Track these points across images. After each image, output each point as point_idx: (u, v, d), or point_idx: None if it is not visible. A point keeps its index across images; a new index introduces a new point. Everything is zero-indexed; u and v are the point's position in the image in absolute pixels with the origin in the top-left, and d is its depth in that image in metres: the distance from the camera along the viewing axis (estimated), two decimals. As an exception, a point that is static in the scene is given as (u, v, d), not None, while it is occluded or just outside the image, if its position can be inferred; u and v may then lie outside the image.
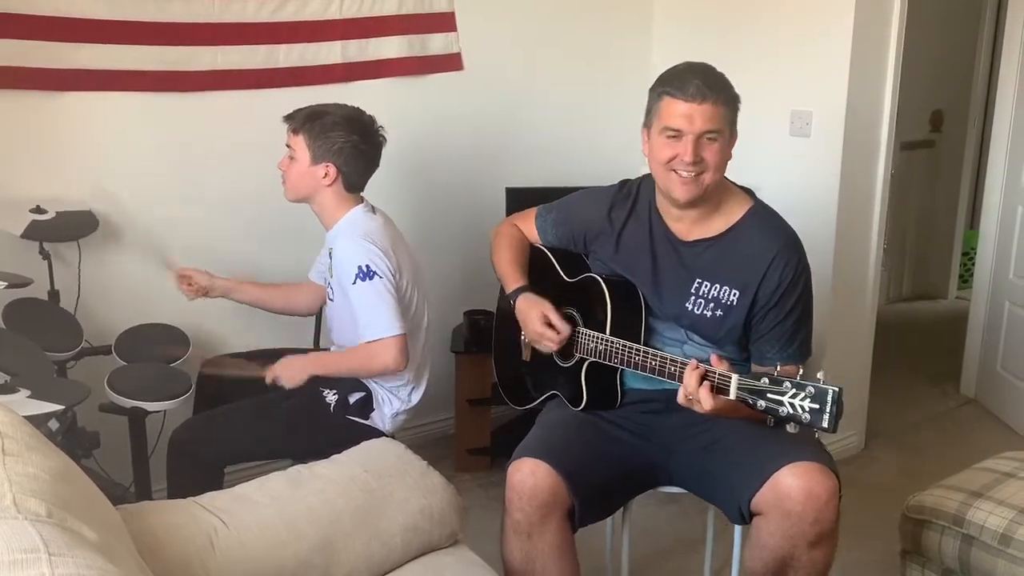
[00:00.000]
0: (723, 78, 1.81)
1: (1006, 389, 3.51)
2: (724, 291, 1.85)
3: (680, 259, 1.89)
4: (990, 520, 1.89)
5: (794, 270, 1.82)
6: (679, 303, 1.88)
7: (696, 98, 1.74)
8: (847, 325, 3.08)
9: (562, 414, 1.98)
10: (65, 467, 1.22)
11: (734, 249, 1.85)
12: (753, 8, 3.13)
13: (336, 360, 2.29)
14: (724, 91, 1.78)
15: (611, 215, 1.98)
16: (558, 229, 2.09)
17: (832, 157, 2.93)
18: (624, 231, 1.96)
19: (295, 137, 2.20)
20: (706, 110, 1.74)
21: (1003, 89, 3.49)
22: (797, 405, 1.51)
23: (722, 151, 1.78)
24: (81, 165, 2.51)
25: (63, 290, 2.43)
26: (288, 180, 2.25)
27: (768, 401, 1.54)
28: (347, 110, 2.23)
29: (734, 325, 1.85)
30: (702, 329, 1.88)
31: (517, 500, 1.75)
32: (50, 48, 2.38)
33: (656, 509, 2.74)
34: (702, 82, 1.75)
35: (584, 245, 2.05)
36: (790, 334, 1.85)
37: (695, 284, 1.87)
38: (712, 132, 1.75)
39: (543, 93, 3.30)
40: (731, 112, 1.79)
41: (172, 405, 2.21)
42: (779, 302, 1.82)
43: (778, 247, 1.82)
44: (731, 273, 1.84)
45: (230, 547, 1.49)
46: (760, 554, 1.74)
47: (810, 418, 1.49)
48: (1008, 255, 3.47)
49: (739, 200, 1.90)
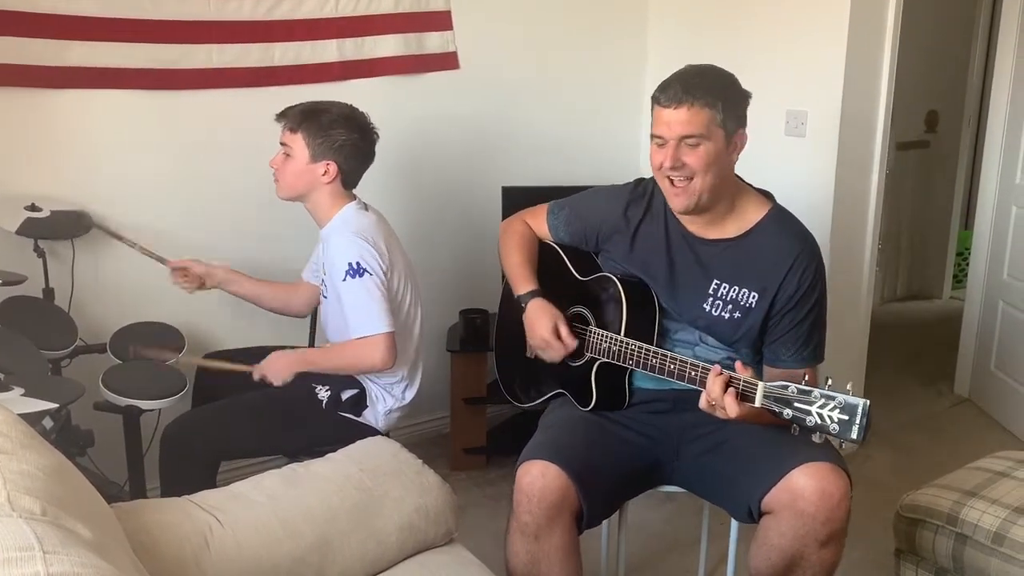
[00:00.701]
0: (713, 79, 1.77)
1: (1000, 389, 3.53)
2: (743, 293, 1.83)
3: (697, 258, 1.88)
4: (984, 519, 1.90)
5: (813, 274, 1.82)
6: (696, 304, 1.87)
7: (672, 103, 1.73)
8: (842, 324, 3.09)
9: (568, 414, 1.96)
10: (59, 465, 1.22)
11: (754, 251, 1.84)
12: (748, 8, 3.14)
13: (323, 356, 2.28)
14: (709, 94, 1.73)
15: (627, 214, 1.95)
16: (570, 227, 2.07)
17: (827, 157, 2.93)
18: (640, 230, 1.94)
19: (292, 135, 2.19)
20: (682, 114, 1.72)
21: (997, 90, 3.49)
22: (826, 416, 1.51)
23: (708, 155, 1.74)
24: (76, 162, 2.50)
25: (57, 288, 2.43)
26: (283, 178, 2.24)
27: (795, 410, 1.54)
28: (343, 107, 2.23)
29: (751, 327, 1.84)
30: (719, 331, 1.87)
31: (526, 502, 1.74)
32: (44, 45, 2.38)
33: (652, 508, 2.74)
34: (681, 86, 1.73)
35: (596, 243, 2.03)
36: (806, 337, 1.84)
37: (713, 285, 1.86)
38: (691, 137, 1.73)
39: (539, 92, 3.31)
40: (721, 114, 1.73)
41: (167, 403, 2.20)
42: (797, 305, 1.82)
43: (799, 250, 1.82)
44: (750, 275, 1.83)
45: (225, 545, 1.49)
46: (768, 553, 1.74)
47: (839, 429, 1.50)
48: (1002, 255, 3.48)
49: (756, 202, 1.88)
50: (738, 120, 1.78)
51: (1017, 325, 3.40)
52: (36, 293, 2.37)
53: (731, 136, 1.77)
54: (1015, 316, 3.41)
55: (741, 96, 1.80)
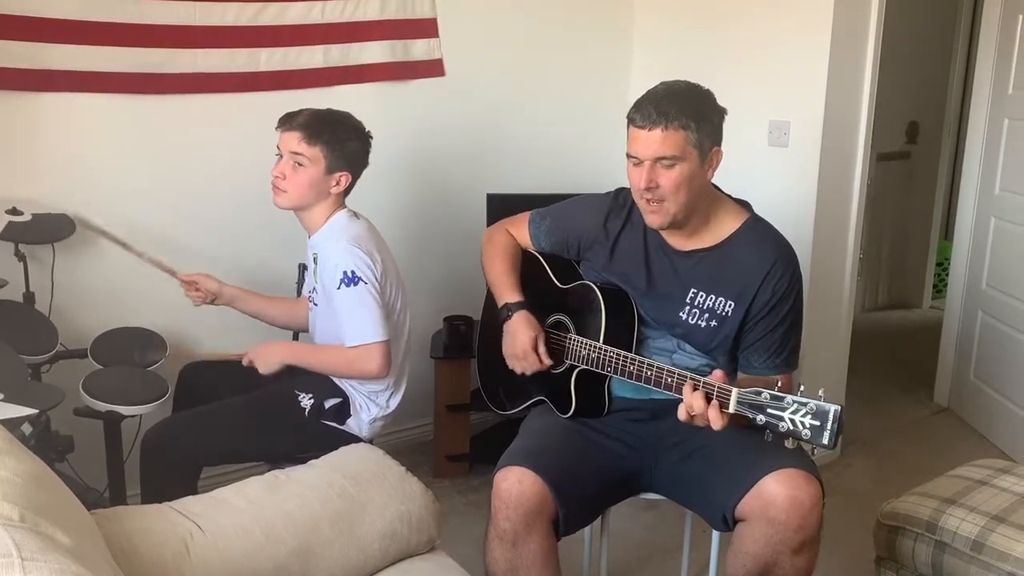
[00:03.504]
0: (688, 99, 1.77)
1: (979, 398, 3.56)
2: (719, 302, 1.85)
3: (675, 269, 1.90)
4: (963, 527, 1.92)
5: (788, 282, 1.84)
6: (673, 312, 1.89)
7: (647, 125, 1.74)
8: (823, 333, 3.11)
9: (547, 421, 1.97)
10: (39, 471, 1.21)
11: (730, 260, 1.86)
12: (732, 19, 3.16)
13: (316, 354, 2.28)
14: (683, 115, 1.73)
15: (607, 224, 1.97)
16: (552, 236, 2.09)
17: (810, 167, 2.96)
18: (619, 240, 1.96)
19: (310, 147, 2.14)
20: (656, 136, 1.73)
21: (977, 101, 3.54)
22: (798, 421, 1.52)
23: (682, 176, 1.75)
24: (58, 166, 2.48)
25: (38, 292, 2.40)
26: (292, 188, 2.17)
27: (768, 416, 1.55)
28: (349, 116, 2.23)
29: (728, 336, 1.85)
30: (695, 339, 1.89)
31: (504, 509, 1.75)
32: (22, 48, 2.36)
33: (634, 516, 2.75)
34: (655, 108, 1.74)
35: (577, 252, 2.05)
36: (779, 344, 1.86)
37: (690, 294, 1.88)
38: (666, 159, 1.74)
39: (524, 100, 3.32)
40: (695, 134, 1.74)
41: (148, 409, 2.19)
42: (771, 312, 1.83)
43: (774, 259, 1.84)
44: (726, 284, 1.85)
45: (206, 552, 1.48)
46: (743, 561, 1.75)
47: (810, 435, 1.51)
48: (981, 265, 3.52)
49: (733, 212, 1.90)
50: (713, 138, 1.79)
51: (996, 335, 3.43)
52: (16, 297, 2.35)
53: (706, 155, 1.78)
54: (994, 326, 3.45)
55: (716, 114, 1.80)
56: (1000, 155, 3.40)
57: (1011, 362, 3.32)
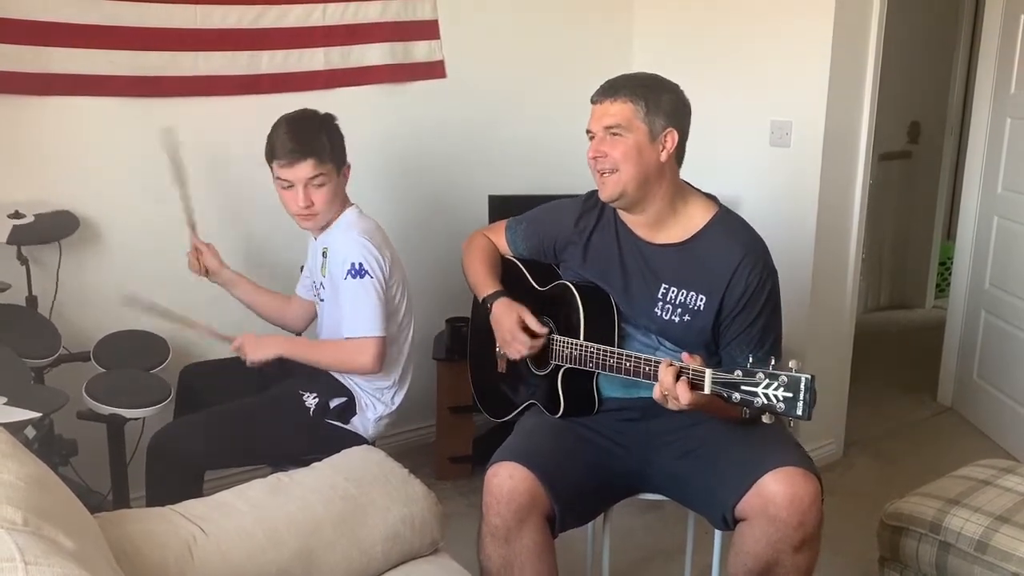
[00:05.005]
0: (641, 80, 1.87)
1: (982, 398, 3.55)
2: (691, 296, 1.87)
3: (647, 262, 1.92)
4: (967, 527, 1.92)
5: (759, 275, 1.84)
6: (648, 308, 1.90)
7: (599, 99, 1.86)
8: (826, 334, 3.11)
9: (540, 421, 1.98)
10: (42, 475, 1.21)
11: (699, 255, 1.87)
12: (733, 19, 3.16)
13: (309, 347, 2.29)
14: (633, 92, 1.82)
15: (578, 225, 2.01)
16: (528, 241, 2.13)
17: (811, 167, 2.95)
18: (592, 239, 1.99)
19: (324, 164, 2.15)
20: (606, 107, 1.83)
21: (979, 101, 3.53)
22: (771, 395, 1.52)
23: (628, 147, 1.81)
24: (61, 170, 2.49)
25: (40, 295, 2.41)
26: (321, 207, 2.18)
27: (742, 393, 1.55)
28: (321, 115, 2.22)
29: (702, 329, 1.86)
30: (671, 334, 1.90)
31: (495, 504, 1.75)
32: (22, 51, 2.36)
33: (636, 516, 2.75)
34: (610, 83, 1.85)
35: (554, 255, 2.08)
36: (759, 339, 1.86)
37: (662, 289, 1.89)
38: (612, 128, 1.82)
39: (525, 101, 3.32)
40: (643, 109, 1.81)
41: (151, 412, 2.19)
42: (746, 307, 1.84)
43: (743, 253, 1.84)
44: (697, 279, 1.86)
45: (209, 555, 1.48)
46: (744, 560, 1.75)
47: (784, 407, 1.51)
48: (984, 265, 3.52)
49: (702, 206, 1.92)
50: (667, 120, 1.84)
51: (999, 334, 3.43)
52: (19, 301, 2.36)
53: (657, 133, 1.83)
54: (997, 325, 3.44)
55: (672, 99, 1.86)
56: (1003, 154, 3.39)
57: (1015, 362, 3.31)
